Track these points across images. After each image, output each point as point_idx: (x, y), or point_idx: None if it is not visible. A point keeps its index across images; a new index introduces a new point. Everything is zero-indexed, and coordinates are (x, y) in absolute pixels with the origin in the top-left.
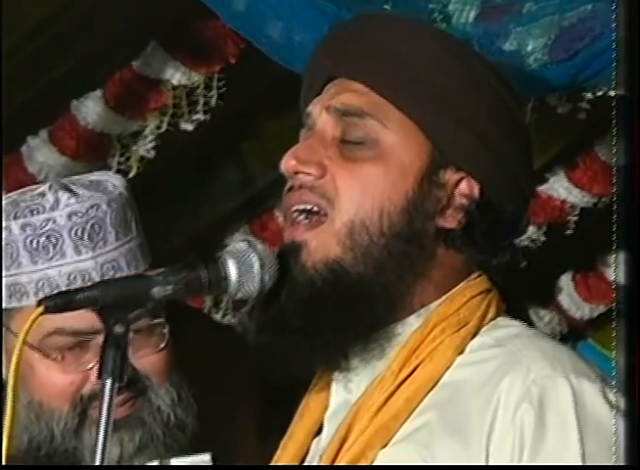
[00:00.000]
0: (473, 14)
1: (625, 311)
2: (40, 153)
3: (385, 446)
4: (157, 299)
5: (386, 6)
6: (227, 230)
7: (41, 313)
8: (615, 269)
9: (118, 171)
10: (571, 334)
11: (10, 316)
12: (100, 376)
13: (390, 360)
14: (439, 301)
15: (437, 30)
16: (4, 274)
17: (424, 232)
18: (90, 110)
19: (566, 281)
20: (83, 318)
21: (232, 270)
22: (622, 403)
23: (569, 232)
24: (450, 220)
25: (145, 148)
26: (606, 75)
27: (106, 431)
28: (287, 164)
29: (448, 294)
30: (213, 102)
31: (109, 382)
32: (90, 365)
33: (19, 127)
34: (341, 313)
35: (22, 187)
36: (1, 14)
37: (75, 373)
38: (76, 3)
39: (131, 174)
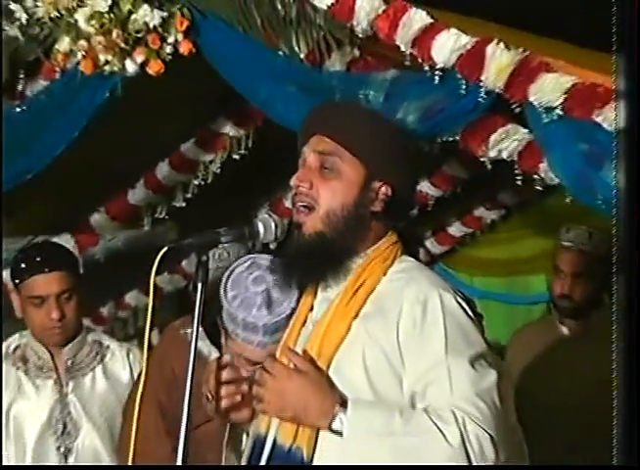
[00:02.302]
0: (381, 98)
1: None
2: None
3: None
4: (223, 242)
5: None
6: (257, 208)
7: (165, 252)
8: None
9: None
10: (429, 261)
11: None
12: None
13: (349, 280)
14: (373, 247)
15: (371, 110)
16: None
17: (364, 215)
18: None
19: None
20: None
21: (260, 228)
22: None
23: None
24: (377, 207)
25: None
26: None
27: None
28: (293, 182)
29: (377, 244)
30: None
31: (199, 286)
32: None
33: None
34: (322, 260)
35: None
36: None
37: None
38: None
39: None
